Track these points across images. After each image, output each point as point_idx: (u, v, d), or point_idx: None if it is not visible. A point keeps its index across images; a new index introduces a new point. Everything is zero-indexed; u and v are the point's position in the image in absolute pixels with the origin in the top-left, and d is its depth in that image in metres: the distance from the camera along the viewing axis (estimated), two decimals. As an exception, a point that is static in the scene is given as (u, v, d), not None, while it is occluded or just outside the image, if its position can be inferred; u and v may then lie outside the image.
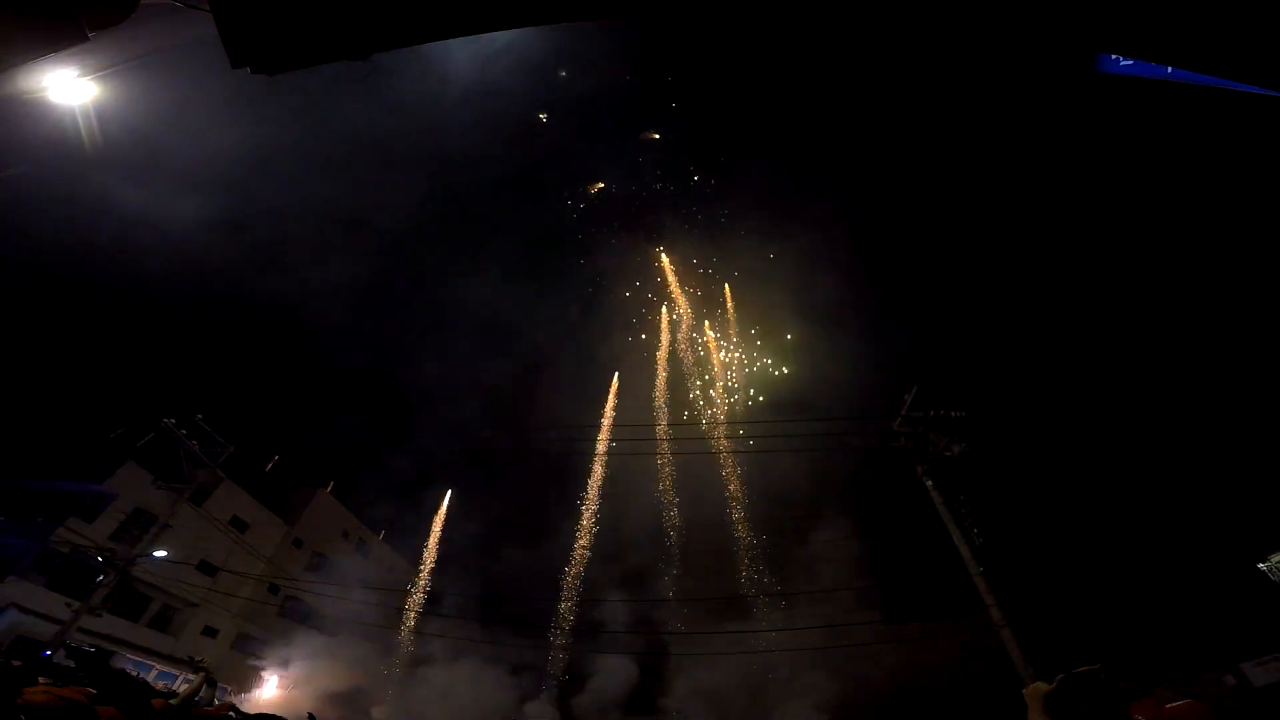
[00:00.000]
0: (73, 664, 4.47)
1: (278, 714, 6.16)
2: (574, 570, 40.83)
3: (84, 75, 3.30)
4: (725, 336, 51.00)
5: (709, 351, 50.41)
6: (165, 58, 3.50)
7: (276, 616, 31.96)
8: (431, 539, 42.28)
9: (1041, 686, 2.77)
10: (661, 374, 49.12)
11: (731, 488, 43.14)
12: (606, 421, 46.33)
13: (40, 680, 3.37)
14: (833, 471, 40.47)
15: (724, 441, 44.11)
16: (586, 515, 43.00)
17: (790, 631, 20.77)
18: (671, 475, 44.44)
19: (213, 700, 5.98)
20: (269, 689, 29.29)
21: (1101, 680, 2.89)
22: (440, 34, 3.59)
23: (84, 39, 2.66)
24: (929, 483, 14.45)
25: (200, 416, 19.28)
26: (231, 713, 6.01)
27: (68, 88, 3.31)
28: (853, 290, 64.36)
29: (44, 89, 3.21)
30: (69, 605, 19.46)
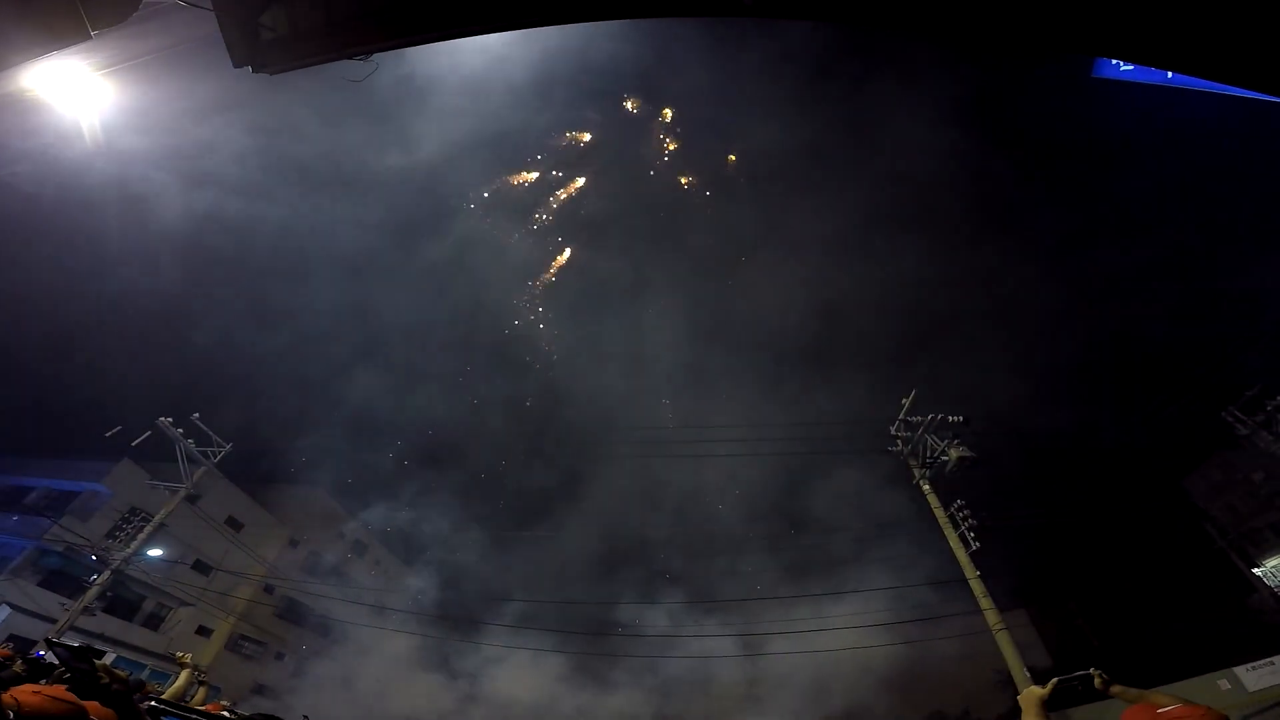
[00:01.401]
0: (56, 661, 4.37)
1: (275, 715, 6.14)
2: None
3: (87, 73, 3.30)
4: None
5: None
6: (167, 56, 3.50)
7: (273, 617, 31.84)
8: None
9: (1036, 691, 2.79)
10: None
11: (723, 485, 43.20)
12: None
13: (44, 682, 3.33)
14: (831, 473, 40.58)
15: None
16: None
17: (783, 634, 20.71)
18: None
19: (205, 700, 5.94)
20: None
21: (1095, 685, 2.90)
22: (442, 34, 3.60)
23: (86, 37, 2.67)
24: (926, 487, 14.46)
25: (196, 415, 19.22)
26: (227, 713, 5.99)
27: (70, 85, 3.30)
28: (851, 291, 64.60)
29: (47, 87, 3.21)
30: (63, 604, 19.38)
